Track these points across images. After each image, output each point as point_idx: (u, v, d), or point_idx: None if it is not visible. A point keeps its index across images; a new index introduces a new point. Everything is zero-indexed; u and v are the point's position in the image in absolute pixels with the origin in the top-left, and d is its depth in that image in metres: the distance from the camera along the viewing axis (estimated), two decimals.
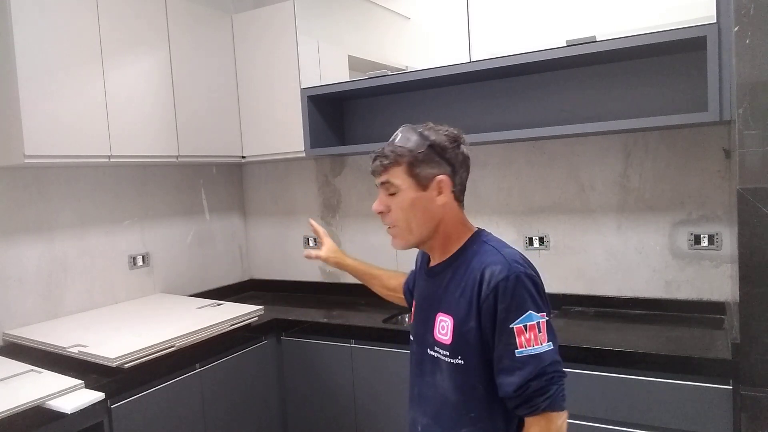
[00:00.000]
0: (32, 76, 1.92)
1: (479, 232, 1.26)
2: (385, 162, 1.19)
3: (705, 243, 2.13)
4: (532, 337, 1.08)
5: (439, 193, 1.20)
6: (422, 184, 1.19)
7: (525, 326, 1.09)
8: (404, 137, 1.20)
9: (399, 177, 1.19)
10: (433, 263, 1.29)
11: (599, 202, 2.31)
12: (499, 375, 1.11)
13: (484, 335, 1.13)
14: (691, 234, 2.16)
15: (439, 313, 1.21)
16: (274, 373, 2.50)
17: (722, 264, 2.12)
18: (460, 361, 1.15)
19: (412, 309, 1.36)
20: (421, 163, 1.18)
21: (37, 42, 1.94)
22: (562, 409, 1.10)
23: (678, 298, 2.19)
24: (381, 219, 1.26)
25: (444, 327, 1.19)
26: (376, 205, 1.24)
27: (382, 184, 1.21)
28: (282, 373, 2.52)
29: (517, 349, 1.08)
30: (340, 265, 1.71)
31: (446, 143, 1.19)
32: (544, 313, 1.12)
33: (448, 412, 1.18)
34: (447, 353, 1.18)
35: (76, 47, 2.05)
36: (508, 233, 2.47)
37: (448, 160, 1.19)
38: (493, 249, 1.18)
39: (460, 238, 1.24)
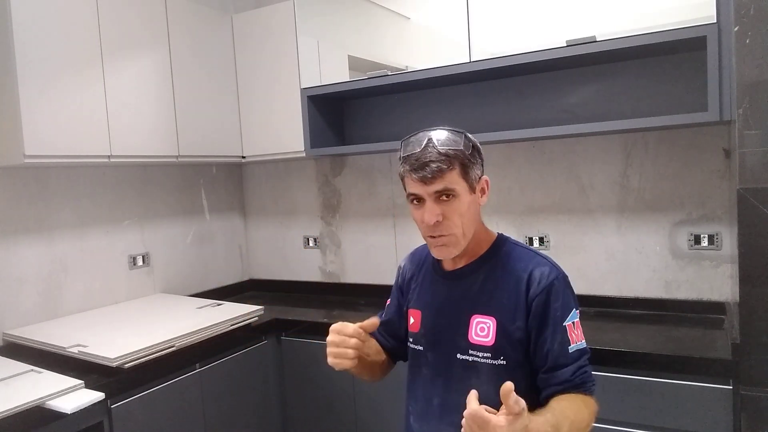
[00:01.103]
0: (32, 76, 1.92)
1: (503, 236, 1.27)
2: (443, 167, 1.09)
3: (705, 243, 2.13)
4: (578, 332, 1.15)
5: (483, 193, 1.20)
6: (473, 186, 1.16)
7: (573, 323, 1.14)
8: (447, 138, 1.13)
9: (456, 182, 1.12)
10: (454, 266, 1.25)
11: (599, 202, 2.31)
12: (552, 370, 1.13)
13: (529, 333, 1.14)
14: (691, 234, 2.16)
15: (475, 315, 1.18)
16: (274, 373, 2.50)
17: (722, 264, 2.12)
18: (502, 362, 1.15)
19: (415, 318, 1.30)
20: (471, 165, 1.15)
21: (37, 42, 1.93)
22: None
23: (678, 298, 2.19)
24: (428, 230, 1.15)
25: (484, 328, 1.17)
26: (432, 216, 1.11)
27: (437, 191, 1.11)
28: (282, 373, 2.52)
29: (570, 345, 1.13)
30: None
31: (477, 143, 1.20)
32: (578, 311, 1.18)
33: None
34: (488, 355, 1.15)
35: (76, 47, 2.05)
36: (508, 233, 2.45)
37: (482, 161, 1.20)
38: (529, 252, 1.22)
39: (487, 240, 1.25)
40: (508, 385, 0.89)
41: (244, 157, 2.82)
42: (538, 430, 0.95)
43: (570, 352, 1.12)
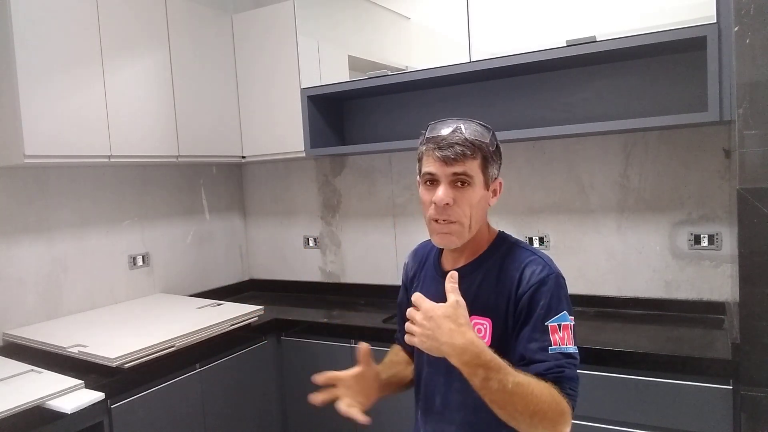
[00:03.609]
0: (32, 76, 1.92)
1: (504, 234, 1.25)
2: (467, 152, 1.10)
3: (705, 243, 2.13)
4: (565, 336, 1.10)
5: (494, 195, 1.19)
6: (487, 182, 1.16)
7: (559, 325, 1.10)
8: (475, 129, 1.13)
9: (475, 171, 1.12)
10: (453, 266, 1.24)
11: (599, 202, 2.31)
12: (528, 365, 1.09)
13: (516, 331, 1.12)
14: (691, 234, 2.16)
15: (473, 316, 1.15)
16: (274, 373, 2.50)
17: (722, 264, 2.12)
18: None
19: None
20: (491, 161, 1.15)
21: (37, 42, 1.93)
22: (573, 408, 1.08)
23: (678, 298, 2.19)
24: (436, 213, 1.13)
25: (481, 330, 1.15)
26: (445, 196, 1.10)
27: (455, 174, 1.11)
28: (282, 373, 2.52)
29: (551, 345, 1.08)
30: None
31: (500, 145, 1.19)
32: (573, 318, 1.13)
33: (486, 417, 1.12)
34: None
35: (76, 47, 2.05)
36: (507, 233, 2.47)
37: (500, 164, 1.19)
38: (526, 250, 1.19)
39: (488, 239, 1.23)
40: (453, 274, 1.05)
41: (244, 157, 2.82)
42: (477, 343, 1.00)
43: (550, 352, 1.08)
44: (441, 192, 1.11)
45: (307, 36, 2.56)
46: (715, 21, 1.71)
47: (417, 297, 1.04)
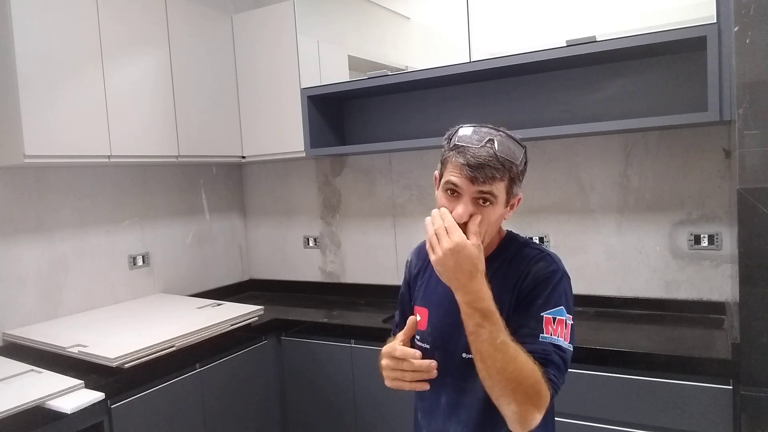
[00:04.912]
0: (32, 76, 1.92)
1: (512, 234, 1.26)
2: (497, 174, 1.09)
3: (705, 243, 2.13)
4: (558, 329, 1.11)
5: (511, 209, 1.19)
6: (508, 201, 1.15)
7: (554, 318, 1.11)
8: (508, 147, 1.12)
9: (500, 191, 1.11)
10: None
11: (599, 202, 2.31)
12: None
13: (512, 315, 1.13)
14: (691, 234, 2.16)
15: None
16: (274, 373, 2.50)
17: (722, 264, 2.12)
18: None
19: (422, 316, 1.28)
20: (517, 181, 1.15)
21: (37, 42, 1.94)
22: (552, 396, 1.08)
23: (678, 298, 2.19)
24: None
25: None
26: (465, 214, 1.10)
27: (481, 192, 1.10)
28: (282, 373, 2.53)
29: (542, 333, 1.10)
30: None
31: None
32: (571, 317, 1.14)
33: (494, 415, 1.13)
34: None
35: (76, 47, 2.05)
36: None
37: (523, 179, 1.19)
38: (535, 249, 1.21)
39: (497, 240, 1.24)
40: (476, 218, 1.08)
41: (244, 157, 2.82)
42: (486, 292, 1.05)
43: (540, 340, 1.09)
44: (461, 209, 1.10)
45: (307, 36, 2.56)
46: (715, 21, 1.71)
47: (443, 212, 1.09)
